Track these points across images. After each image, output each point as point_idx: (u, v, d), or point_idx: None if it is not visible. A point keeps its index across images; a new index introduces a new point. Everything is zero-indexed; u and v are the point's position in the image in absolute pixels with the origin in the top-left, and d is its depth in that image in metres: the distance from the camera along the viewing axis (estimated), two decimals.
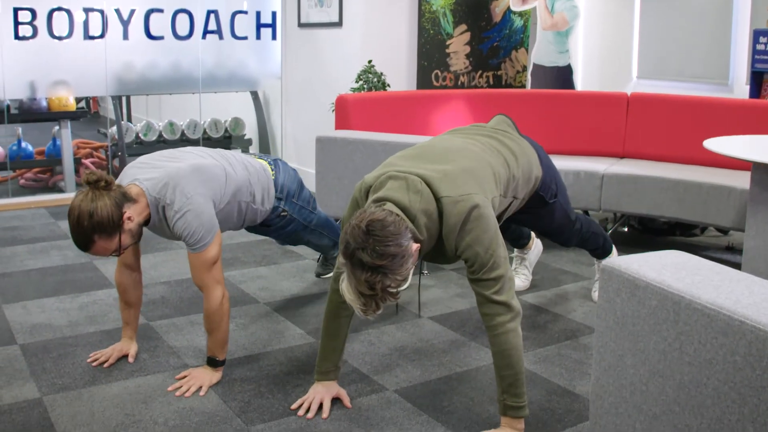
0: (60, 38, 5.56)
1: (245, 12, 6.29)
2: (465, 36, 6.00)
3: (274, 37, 6.44)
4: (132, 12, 5.80)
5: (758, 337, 1.50)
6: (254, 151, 7.01)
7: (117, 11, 5.75)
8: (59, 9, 5.53)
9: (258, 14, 6.34)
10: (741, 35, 4.94)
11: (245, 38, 6.33)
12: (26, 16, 5.42)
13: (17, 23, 5.39)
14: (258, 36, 6.38)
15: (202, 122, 6.73)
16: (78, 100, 6.65)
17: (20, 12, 5.38)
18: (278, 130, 6.72)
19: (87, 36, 5.66)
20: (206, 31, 6.15)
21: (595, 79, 5.92)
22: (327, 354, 2.61)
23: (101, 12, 5.68)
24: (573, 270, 4.17)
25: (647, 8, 5.50)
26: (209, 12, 6.12)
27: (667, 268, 1.81)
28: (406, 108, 4.90)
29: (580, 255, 4.40)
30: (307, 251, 4.43)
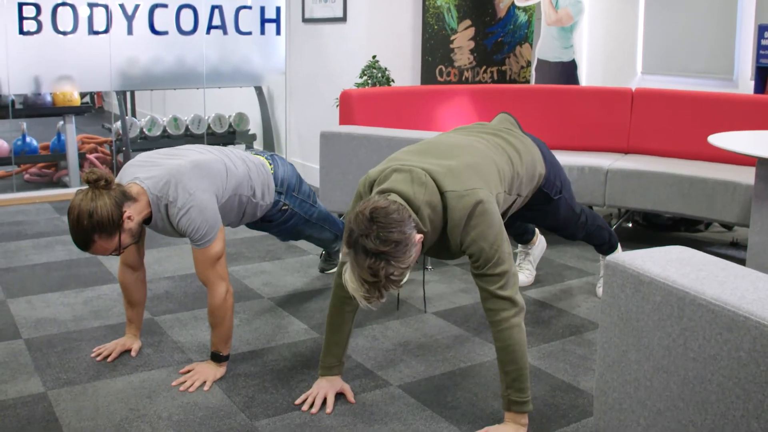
0: (64, 33, 5.57)
1: (249, 7, 6.28)
2: (469, 31, 5.99)
3: (279, 32, 6.44)
4: (136, 7, 5.80)
5: (763, 333, 1.50)
6: (258, 147, 7.02)
7: (121, 6, 5.75)
8: (63, 4, 5.53)
9: (262, 9, 6.34)
10: (746, 30, 4.93)
11: (249, 33, 6.33)
12: (31, 11, 5.42)
13: (22, 18, 5.39)
14: (262, 31, 6.38)
15: (207, 117, 6.73)
16: (82, 95, 6.67)
17: (25, 7, 5.39)
18: (282, 126, 6.72)
19: (91, 31, 5.67)
20: (210, 26, 6.14)
21: (600, 75, 5.91)
22: (331, 349, 2.61)
23: (105, 7, 5.68)
24: (577, 265, 4.17)
25: (652, 3, 5.48)
26: (213, 7, 6.12)
27: (672, 264, 1.81)
28: (411, 103, 4.90)
29: (585, 251, 4.40)
30: (311, 246, 4.43)
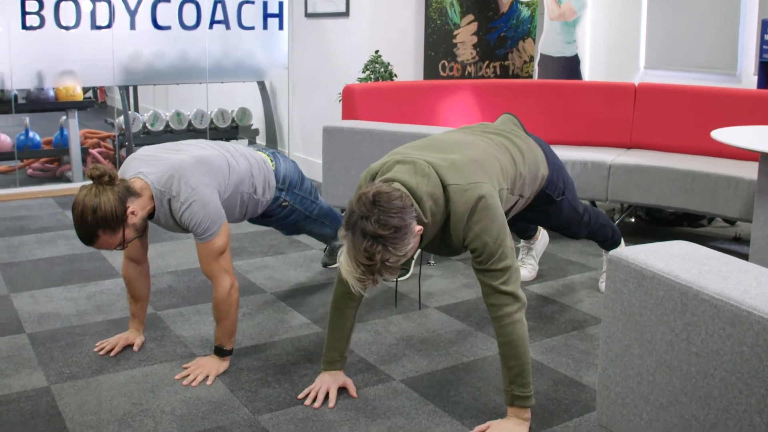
0: (67, 28, 5.56)
1: (252, 2, 6.27)
2: (472, 26, 5.98)
3: (281, 27, 6.43)
4: (139, 2, 5.79)
5: (766, 328, 1.50)
6: (260, 142, 7.02)
7: (124, 1, 5.74)
8: None
9: (265, 4, 6.33)
10: (749, 25, 4.92)
11: (252, 28, 6.32)
12: (33, 6, 5.41)
13: (24, 13, 5.39)
14: (265, 26, 6.37)
15: (209, 112, 6.73)
16: (85, 90, 6.66)
17: (27, 2, 5.38)
18: (285, 120, 6.72)
19: (94, 26, 5.66)
20: (213, 21, 6.14)
21: (603, 70, 5.90)
22: (333, 344, 2.61)
23: (108, 2, 5.67)
24: (580, 260, 4.17)
25: None
26: (216, 2, 6.11)
27: (675, 259, 1.81)
28: (413, 98, 4.90)
29: (587, 246, 4.40)
30: (314, 241, 4.44)
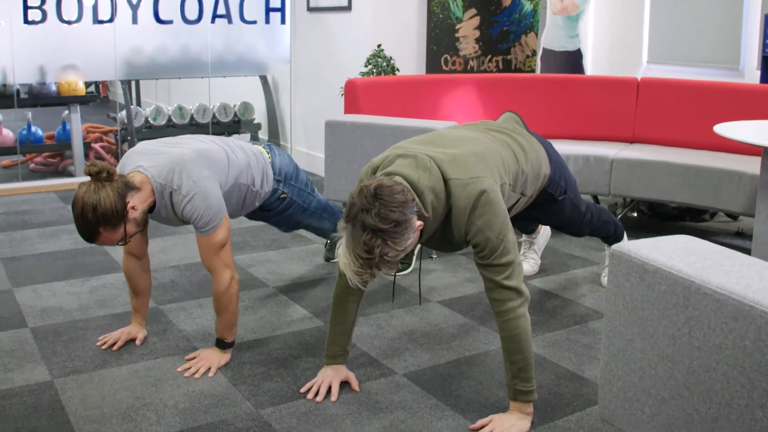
0: (69, 22, 5.56)
1: None
2: (474, 20, 5.97)
3: (283, 21, 6.43)
4: None
5: None
6: (263, 136, 7.01)
7: None
8: None
9: None
10: (752, 20, 4.90)
11: (254, 22, 6.31)
12: (35, 1, 5.41)
13: (26, 7, 5.39)
14: (267, 20, 6.36)
15: (211, 107, 6.73)
16: (87, 85, 6.66)
17: None
18: (287, 115, 6.72)
19: (96, 20, 5.66)
20: (215, 15, 6.13)
21: (605, 64, 5.89)
22: (335, 338, 2.61)
23: None
24: (582, 255, 4.16)
25: None
26: None
27: (677, 253, 1.81)
28: (416, 92, 4.89)
29: (589, 240, 4.40)
30: (316, 236, 4.43)
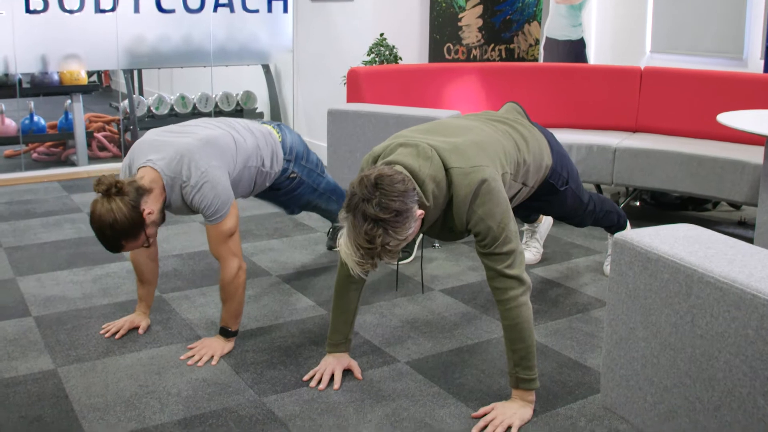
0: (71, 12, 5.55)
1: None
2: (477, 9, 5.95)
3: (286, 10, 6.41)
4: None
5: None
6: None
7: None
8: None
9: None
10: (756, 9, 4.88)
11: (256, 11, 6.30)
12: None
13: None
14: (269, 9, 6.35)
15: (214, 96, 6.72)
16: (90, 74, 6.66)
17: None
18: (290, 104, 6.71)
19: (98, 9, 5.65)
20: (217, 4, 6.12)
21: (608, 53, 5.87)
22: (338, 326, 2.62)
23: None
24: (584, 244, 4.16)
25: None
26: None
27: (680, 242, 1.81)
28: (418, 81, 4.88)
29: (592, 229, 4.39)
30: (318, 224, 4.44)
